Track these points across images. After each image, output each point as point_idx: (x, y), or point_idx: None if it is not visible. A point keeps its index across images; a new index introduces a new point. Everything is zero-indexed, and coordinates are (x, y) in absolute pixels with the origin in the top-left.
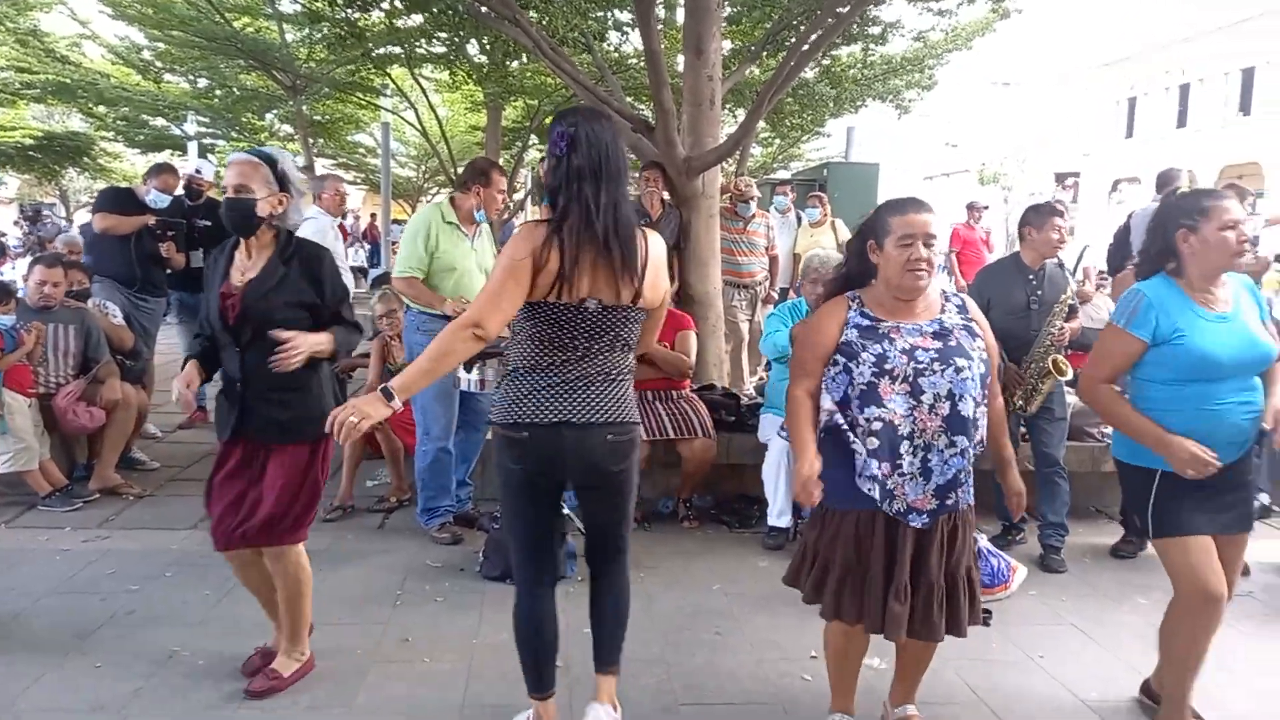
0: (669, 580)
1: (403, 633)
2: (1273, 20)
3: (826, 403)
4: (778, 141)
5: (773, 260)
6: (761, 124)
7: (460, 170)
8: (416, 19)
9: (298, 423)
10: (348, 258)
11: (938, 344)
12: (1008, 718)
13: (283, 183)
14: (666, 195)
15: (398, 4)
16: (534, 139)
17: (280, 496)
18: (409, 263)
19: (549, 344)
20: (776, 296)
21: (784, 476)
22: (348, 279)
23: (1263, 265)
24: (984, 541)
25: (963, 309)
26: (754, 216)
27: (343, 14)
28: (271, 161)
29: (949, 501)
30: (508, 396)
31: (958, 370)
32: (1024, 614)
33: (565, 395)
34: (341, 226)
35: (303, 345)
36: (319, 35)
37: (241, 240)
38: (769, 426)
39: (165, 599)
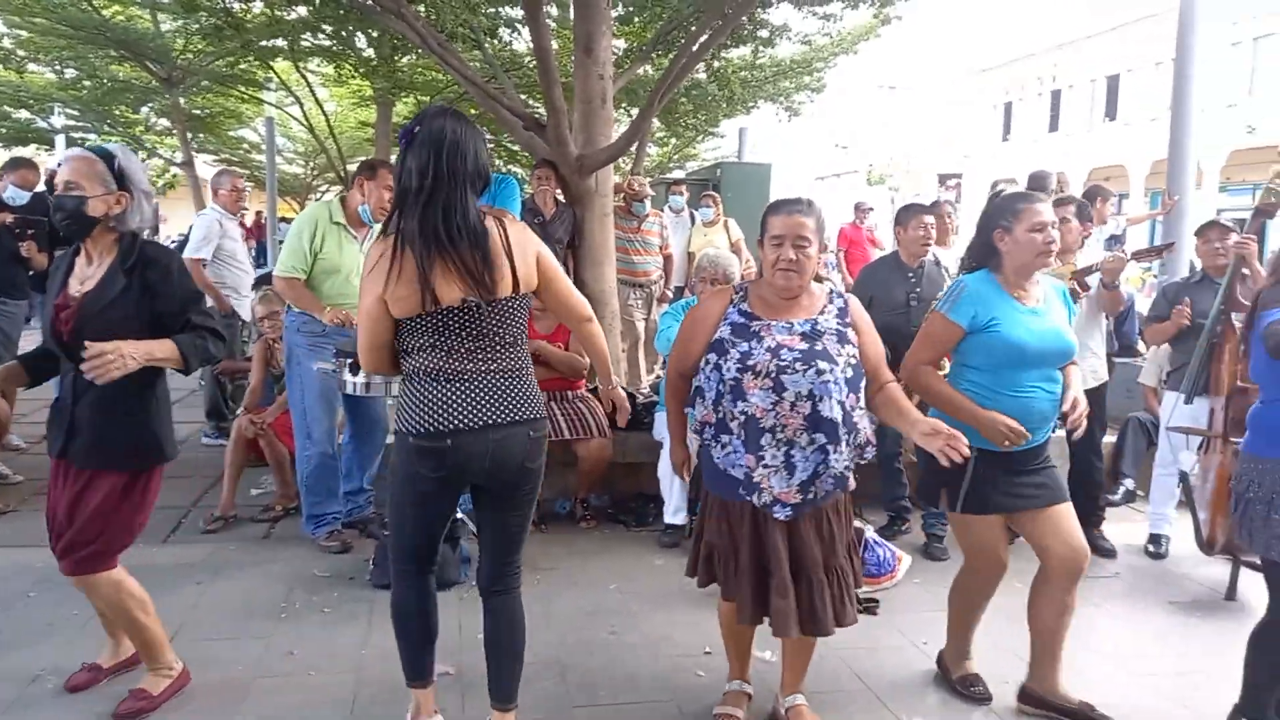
0: (566, 581)
1: (288, 645)
2: (1135, 30)
3: (701, 401)
4: (673, 141)
5: (667, 259)
6: (657, 124)
7: (350, 169)
8: (300, 10)
9: (119, 449)
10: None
11: (804, 345)
12: (890, 702)
13: (121, 180)
14: (560, 194)
15: None
16: None
17: (86, 525)
18: (291, 262)
19: (444, 350)
20: (672, 295)
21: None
22: (247, 281)
23: (1119, 263)
24: (870, 532)
25: (844, 312)
26: (648, 216)
27: (220, 3)
28: (108, 157)
29: (810, 496)
30: (417, 405)
31: (819, 372)
32: (908, 601)
33: (482, 397)
34: (243, 223)
35: (115, 357)
36: (196, 25)
37: (82, 245)
38: (665, 424)
39: (29, 619)
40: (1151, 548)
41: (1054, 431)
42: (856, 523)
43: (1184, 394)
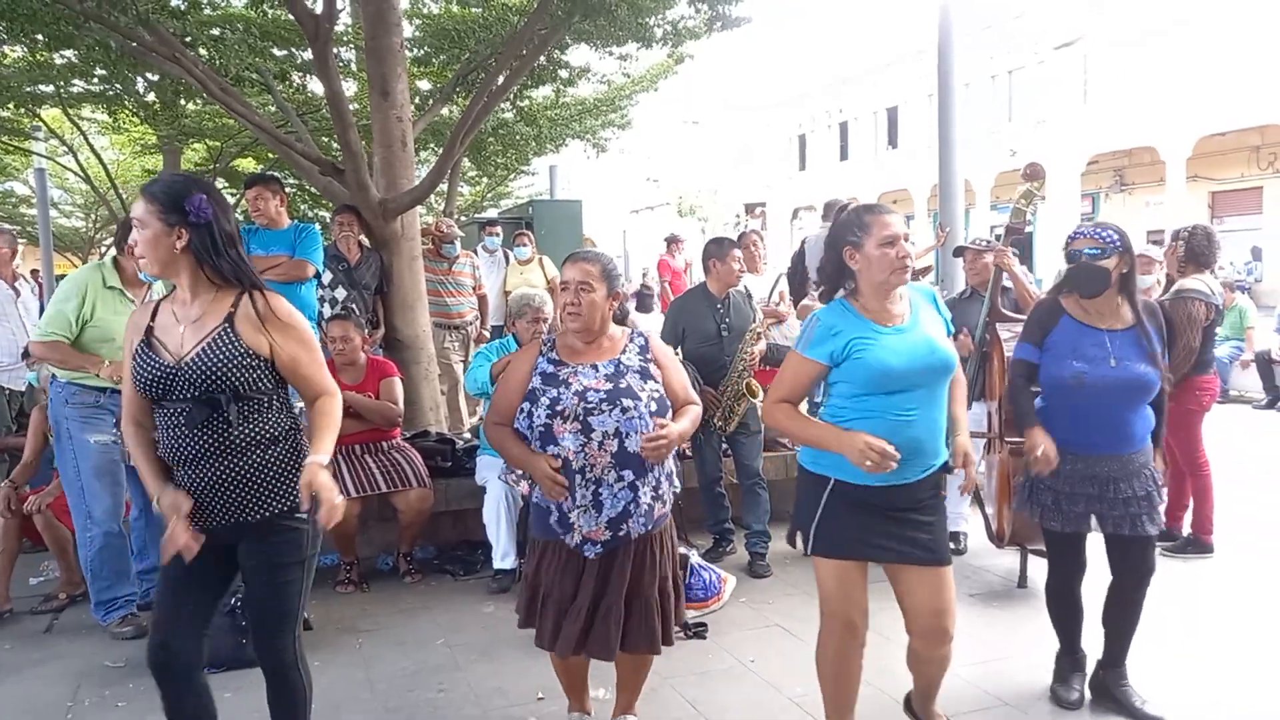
0: (390, 641)
1: None
2: (908, 65)
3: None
4: (485, 180)
5: (481, 300)
6: (467, 163)
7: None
8: (68, 54)
9: None
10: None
11: (609, 385)
12: None
13: None
14: (364, 239)
15: (38, 38)
16: (223, 182)
17: None
18: (52, 326)
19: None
20: (489, 335)
21: (504, 518)
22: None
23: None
24: (695, 557)
25: (644, 350)
26: (459, 257)
27: None
28: None
29: (621, 533)
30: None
31: (624, 410)
32: (735, 621)
33: None
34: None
35: None
36: None
37: None
38: (486, 468)
39: None
40: (951, 545)
41: (947, 474)
42: (681, 549)
43: None
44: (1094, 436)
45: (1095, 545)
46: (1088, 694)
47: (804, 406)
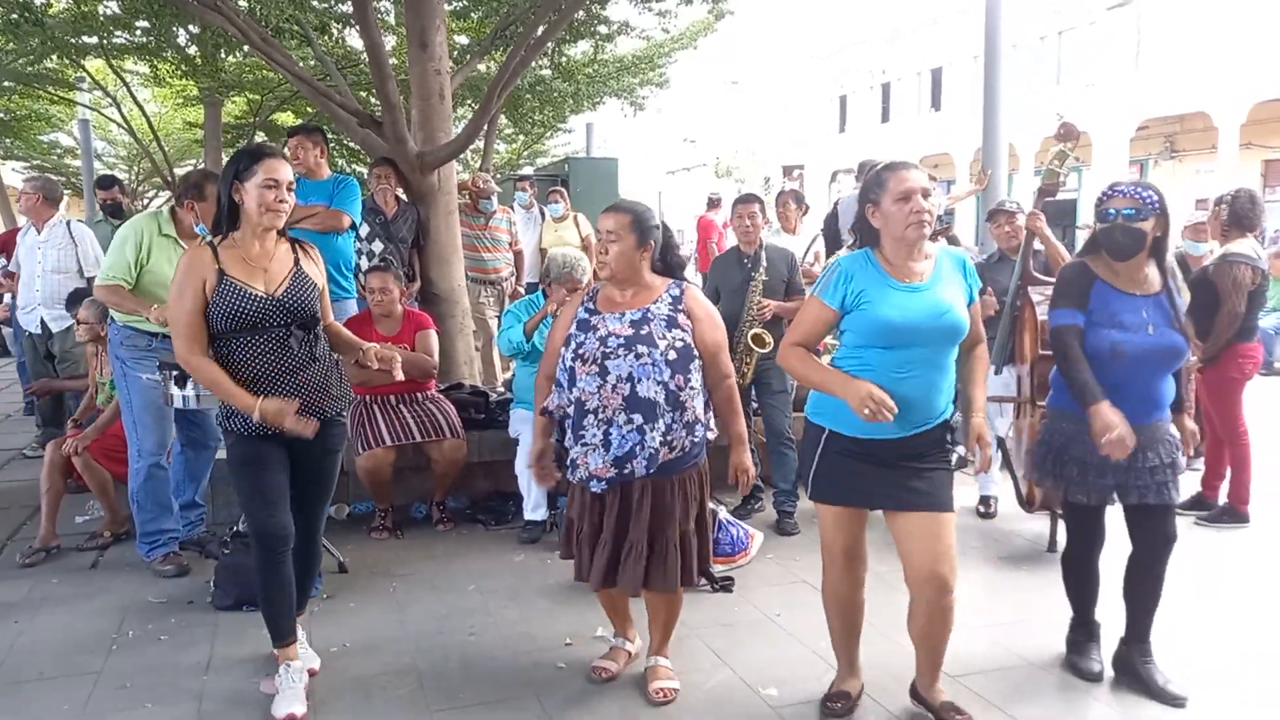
0: (423, 586)
1: (120, 680)
2: (954, 22)
3: (559, 390)
4: (521, 138)
5: (517, 255)
6: (504, 121)
7: (177, 174)
8: (111, 5)
9: None
10: None
11: (630, 331)
12: (746, 674)
13: None
14: (401, 192)
15: None
16: (263, 135)
17: None
18: (114, 270)
19: None
20: (524, 291)
21: None
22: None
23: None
24: (724, 513)
25: (677, 300)
26: (495, 212)
27: None
28: None
29: (625, 471)
30: None
31: (638, 356)
32: (762, 576)
33: None
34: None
35: None
36: None
37: None
38: (519, 421)
39: None
40: (981, 508)
41: (951, 445)
42: (710, 504)
43: (994, 365)
44: (1126, 407)
45: (1112, 516)
46: (1108, 667)
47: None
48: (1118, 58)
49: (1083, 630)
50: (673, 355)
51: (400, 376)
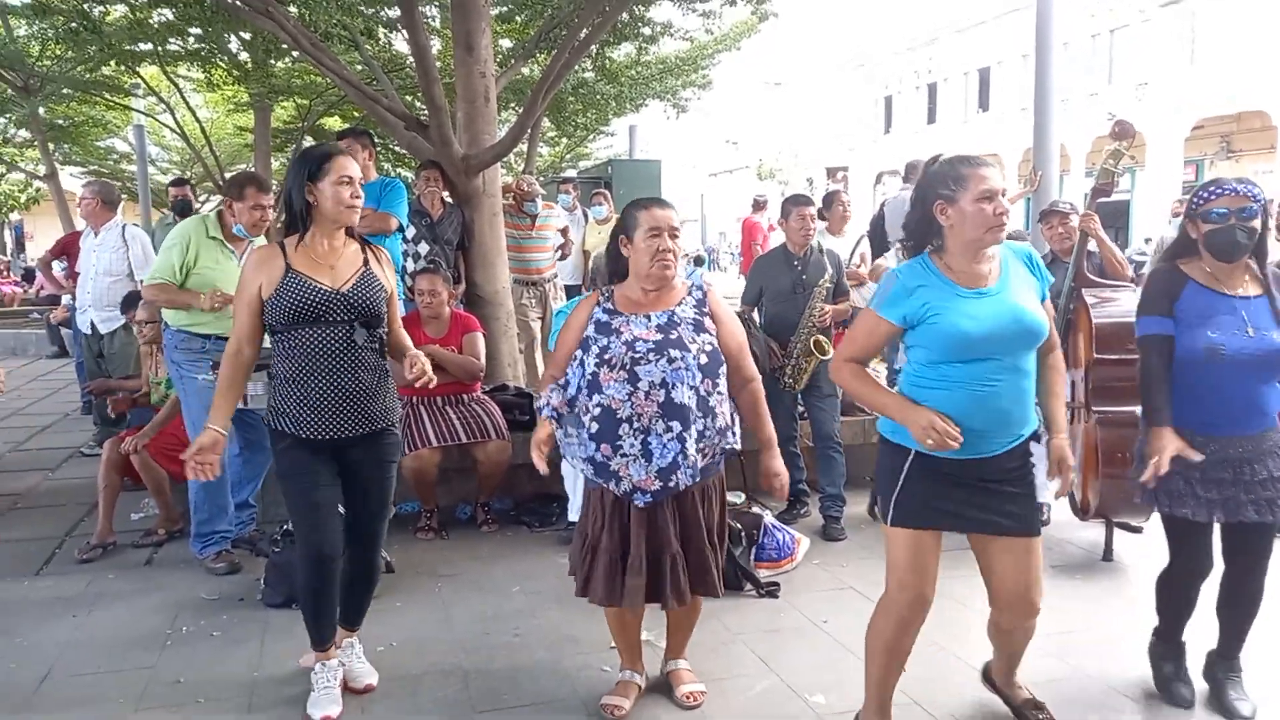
0: (468, 586)
1: (174, 675)
2: (1003, 23)
3: (560, 391)
4: (564, 141)
5: (565, 243)
6: (547, 123)
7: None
8: (165, 13)
9: None
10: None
11: (659, 336)
12: (793, 681)
13: None
14: (447, 195)
15: None
16: (311, 140)
17: None
18: (160, 271)
19: None
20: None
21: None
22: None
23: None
24: (769, 518)
25: (701, 302)
26: (540, 213)
27: (77, 6)
28: None
29: (671, 483)
30: None
31: (670, 360)
32: (808, 582)
33: None
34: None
35: None
36: (51, 30)
37: None
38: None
39: None
40: None
41: (1037, 444)
42: (755, 509)
43: None
44: (1228, 415)
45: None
46: (1197, 684)
47: (883, 376)
48: (1172, 55)
49: (1170, 646)
50: (704, 359)
51: (433, 383)
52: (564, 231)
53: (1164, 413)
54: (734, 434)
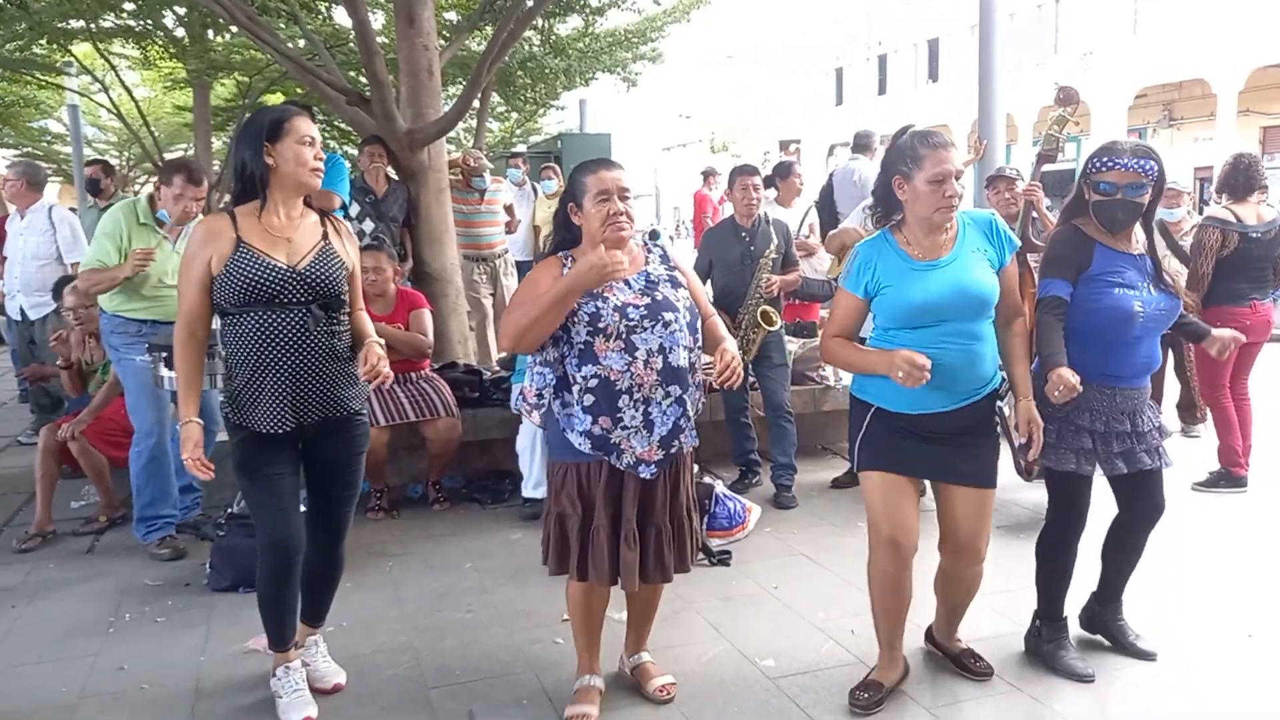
0: (419, 565)
1: (117, 662)
2: None
3: (542, 366)
4: (514, 116)
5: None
6: (496, 99)
7: (169, 158)
8: None
9: None
10: None
11: (646, 300)
12: (744, 646)
13: None
14: (392, 171)
15: None
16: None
17: None
18: (99, 256)
19: None
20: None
21: (539, 447)
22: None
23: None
24: (720, 487)
25: (665, 256)
26: (489, 187)
27: None
28: None
29: (673, 450)
30: None
31: (665, 324)
32: (760, 550)
33: None
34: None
35: None
36: None
37: None
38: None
39: None
40: None
41: (1000, 404)
42: (707, 478)
43: None
44: (1131, 368)
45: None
46: (1078, 629)
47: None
48: (1115, 26)
49: (1055, 628)
50: (689, 317)
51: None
52: (509, 209)
53: (1061, 355)
54: (702, 392)
